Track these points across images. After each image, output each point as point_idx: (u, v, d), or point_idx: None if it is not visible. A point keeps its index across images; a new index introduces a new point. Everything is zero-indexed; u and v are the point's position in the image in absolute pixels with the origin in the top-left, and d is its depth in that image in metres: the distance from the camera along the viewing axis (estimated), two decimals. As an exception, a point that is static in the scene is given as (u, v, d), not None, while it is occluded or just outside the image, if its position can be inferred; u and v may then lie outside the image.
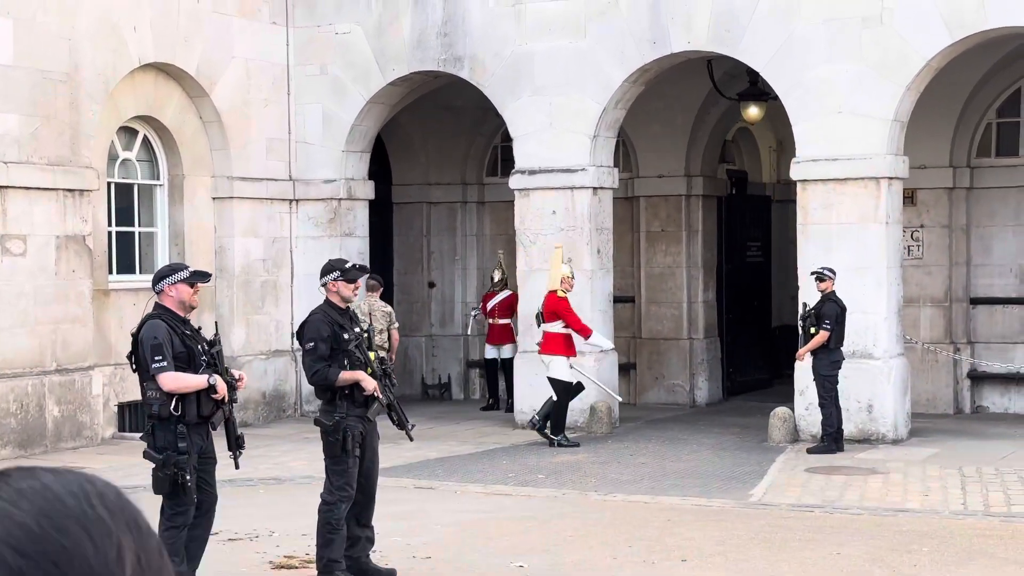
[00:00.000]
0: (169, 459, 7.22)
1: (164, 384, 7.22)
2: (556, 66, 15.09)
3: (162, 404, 7.25)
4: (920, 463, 12.55)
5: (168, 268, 7.69)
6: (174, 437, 7.26)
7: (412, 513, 10.42)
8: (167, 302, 7.44)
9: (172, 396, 7.25)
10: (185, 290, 7.42)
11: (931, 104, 15.00)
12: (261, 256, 16.18)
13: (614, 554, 8.95)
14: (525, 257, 15.33)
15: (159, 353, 7.19)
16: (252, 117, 15.92)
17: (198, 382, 7.29)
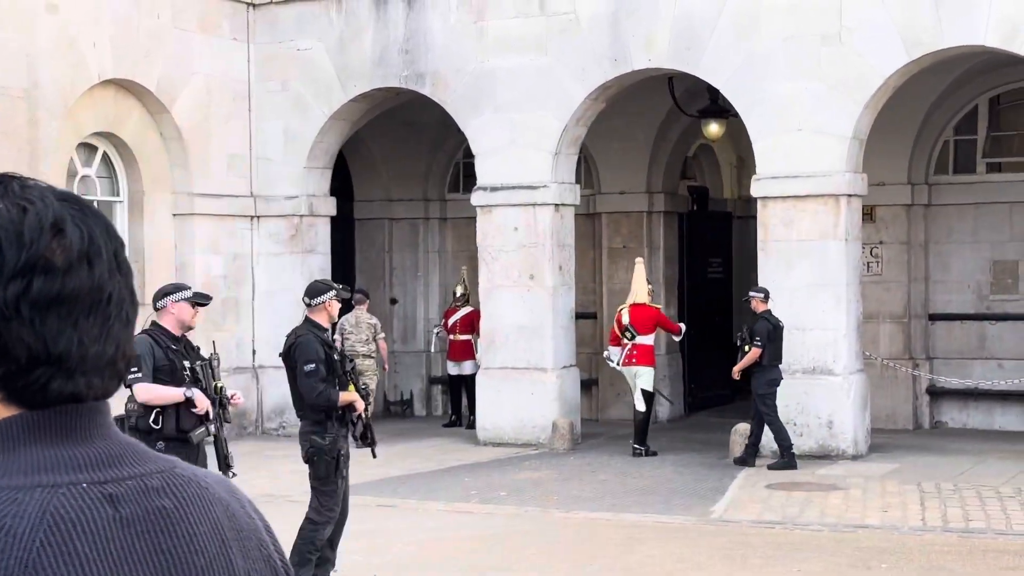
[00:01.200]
0: None
1: (138, 395, 7.25)
2: (518, 83, 15.12)
3: (140, 416, 7.25)
4: (880, 479, 12.61)
5: (172, 286, 7.73)
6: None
7: (373, 531, 10.38)
8: (165, 319, 7.47)
9: (151, 409, 7.25)
10: (187, 310, 7.48)
11: (890, 122, 15.12)
12: (222, 273, 16.10)
13: (575, 572, 8.94)
14: (488, 273, 15.32)
15: (135, 364, 7.18)
16: (213, 133, 15.85)
17: (173, 394, 7.29)
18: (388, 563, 9.20)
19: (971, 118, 16.62)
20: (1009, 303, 16.44)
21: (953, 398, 16.59)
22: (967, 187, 16.55)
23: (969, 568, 9.01)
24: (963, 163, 16.73)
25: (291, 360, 7.96)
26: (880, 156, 15.63)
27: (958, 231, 16.61)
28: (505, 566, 9.14)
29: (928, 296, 16.72)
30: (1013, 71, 15.53)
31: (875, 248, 16.60)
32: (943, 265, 16.67)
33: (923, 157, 16.57)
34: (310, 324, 8.06)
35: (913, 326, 16.66)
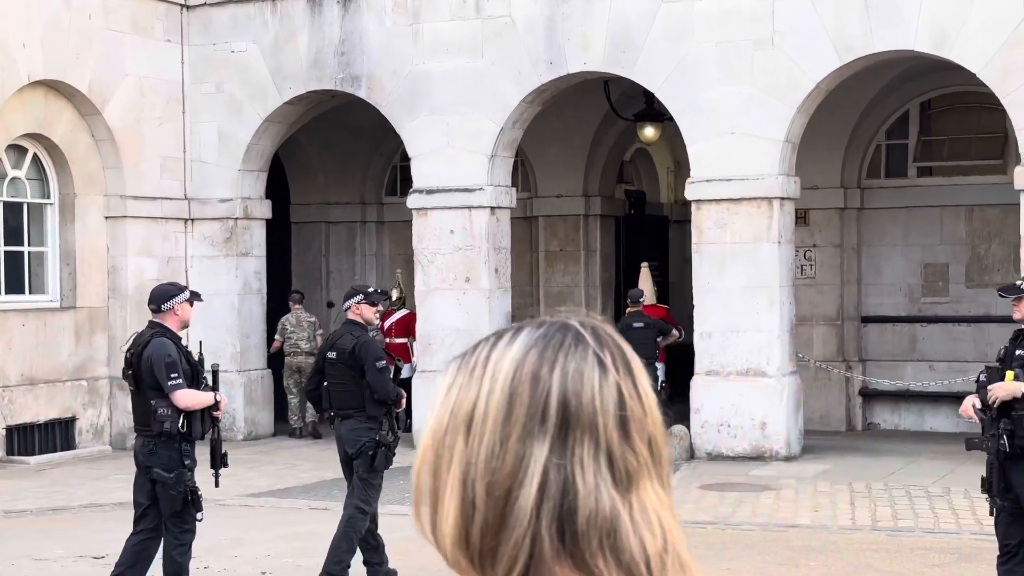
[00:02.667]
0: (182, 476, 7.34)
1: (180, 401, 7.30)
2: (453, 86, 15.11)
3: (172, 421, 7.32)
4: (811, 479, 12.72)
5: (174, 287, 7.73)
6: (179, 455, 7.36)
7: (305, 535, 10.32)
8: (170, 321, 7.49)
9: (180, 413, 7.33)
10: (189, 309, 7.55)
11: (822, 126, 15.28)
12: (155, 276, 15.90)
13: (506, 573, 8.92)
14: (424, 276, 15.30)
15: (175, 371, 7.27)
16: (146, 135, 15.72)
17: (207, 399, 7.44)
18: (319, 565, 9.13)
19: (902, 123, 16.82)
20: (939, 305, 16.65)
21: (885, 400, 16.77)
22: (898, 191, 16.75)
23: (896, 565, 9.11)
24: (895, 167, 16.92)
25: (355, 359, 8.34)
26: (813, 160, 15.77)
27: (890, 234, 16.79)
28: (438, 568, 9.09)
29: (861, 299, 16.89)
30: (943, 76, 15.73)
31: (809, 251, 16.75)
32: (875, 268, 16.85)
33: (855, 161, 16.75)
34: (354, 325, 8.52)
35: (846, 328, 16.82)
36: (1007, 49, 13.06)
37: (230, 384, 16.26)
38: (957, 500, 11.49)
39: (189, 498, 7.37)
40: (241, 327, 16.39)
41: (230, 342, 16.31)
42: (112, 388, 15.52)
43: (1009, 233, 16.23)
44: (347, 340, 8.46)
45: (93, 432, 15.33)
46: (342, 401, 8.52)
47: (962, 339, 16.49)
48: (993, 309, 16.35)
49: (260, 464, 14.26)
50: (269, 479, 13.27)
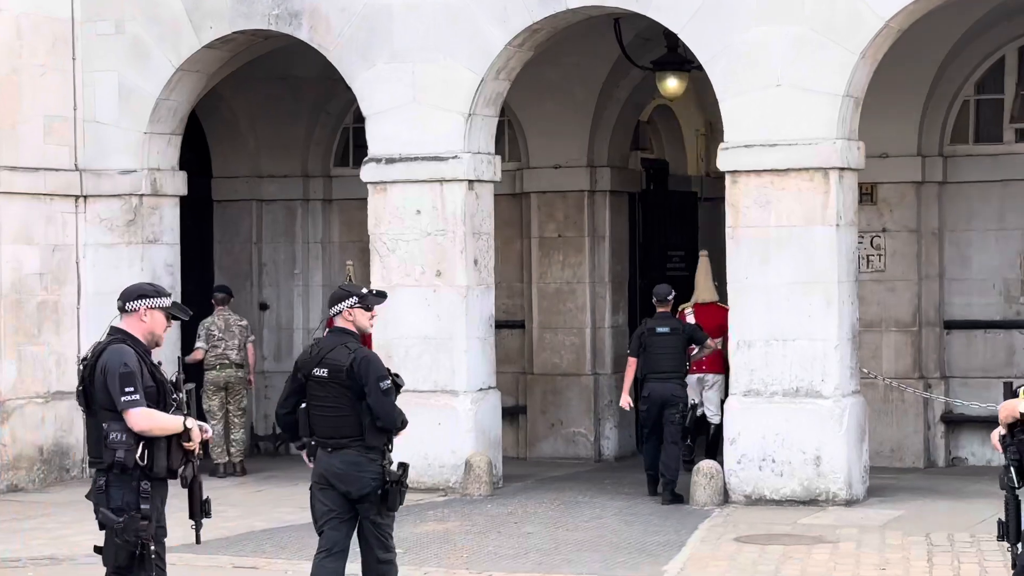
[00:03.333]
0: (132, 523, 7.30)
1: (135, 422, 7.28)
2: (420, 25, 15.13)
3: (128, 450, 7.29)
4: (878, 529, 12.73)
5: (151, 288, 7.76)
6: (135, 496, 7.34)
7: (226, 600, 10.32)
8: (133, 327, 7.51)
9: (139, 441, 7.30)
10: (161, 321, 7.59)
11: (893, 77, 15.32)
12: (38, 269, 15.97)
13: (483, 649, 8.95)
14: (382, 269, 15.32)
15: (130, 383, 7.29)
16: (24, 88, 15.72)
17: (174, 424, 7.42)
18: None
19: (996, 72, 16.87)
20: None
21: (974, 427, 16.79)
22: (992, 160, 16.79)
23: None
24: (986, 129, 16.96)
25: (353, 378, 8.45)
26: (882, 121, 15.82)
27: (981, 216, 16.83)
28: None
29: (943, 298, 16.93)
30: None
31: (876, 237, 16.79)
32: (962, 259, 16.88)
33: (936, 122, 16.78)
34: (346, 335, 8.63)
35: (924, 336, 16.85)
36: None
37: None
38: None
39: (138, 553, 7.33)
40: (148, 335, 16.35)
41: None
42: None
43: None
44: (341, 353, 8.53)
45: (-43, 469, 15.32)
46: (333, 429, 8.57)
47: (1072, 346, 16.57)
48: (1112, 311, 16.42)
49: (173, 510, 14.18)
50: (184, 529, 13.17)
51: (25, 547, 12.52)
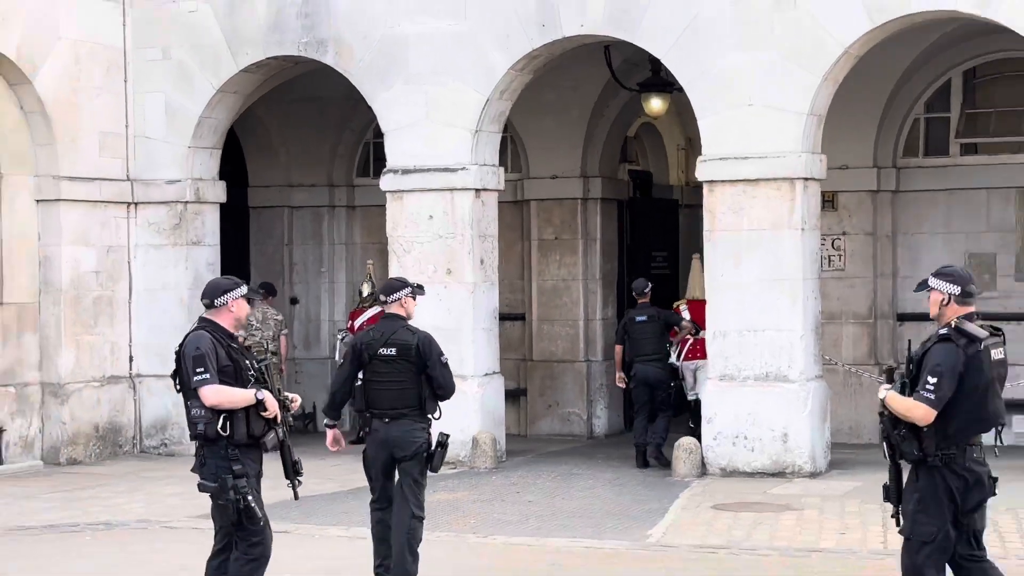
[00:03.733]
0: (226, 484, 7.38)
1: (206, 398, 7.39)
2: (433, 51, 15.13)
3: (208, 423, 7.40)
4: (839, 498, 12.75)
5: (230, 282, 7.83)
6: (226, 461, 7.43)
7: (261, 560, 10.33)
8: (223, 318, 7.63)
9: (219, 414, 7.39)
10: (244, 307, 7.69)
11: (852, 98, 15.29)
12: (94, 268, 15.98)
13: (488, 603, 8.98)
14: (399, 268, 15.30)
15: (201, 364, 7.39)
16: (82, 108, 15.72)
17: (244, 396, 7.46)
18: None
19: (943, 94, 16.83)
20: (986, 301, 16.55)
21: (924, 408, 16.75)
22: (939, 171, 16.77)
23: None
24: (935, 144, 16.93)
25: (420, 356, 8.91)
26: (842, 136, 15.81)
27: (929, 221, 16.82)
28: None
29: (896, 294, 16.91)
30: (989, 41, 15.76)
31: (837, 240, 16.79)
32: (913, 259, 16.87)
33: (890, 137, 16.77)
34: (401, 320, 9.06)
35: (879, 327, 16.86)
36: (1061, 9, 13.08)
37: (179, 391, 16.27)
38: (1002, 520, 11.52)
39: (241, 507, 7.41)
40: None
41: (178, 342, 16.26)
42: (44, 395, 15.52)
43: (1064, 219, 16.30)
44: (405, 335, 8.96)
45: (22, 445, 15.34)
46: (395, 400, 8.96)
47: (1012, 339, 16.26)
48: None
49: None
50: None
51: (84, 514, 12.55)
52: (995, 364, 7.07)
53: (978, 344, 6.99)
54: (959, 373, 6.95)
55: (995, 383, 7.09)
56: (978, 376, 6.99)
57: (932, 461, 7.03)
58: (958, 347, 7.00)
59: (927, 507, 7.08)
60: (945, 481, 7.04)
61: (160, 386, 16.33)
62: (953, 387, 6.94)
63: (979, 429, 7.11)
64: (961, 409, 6.98)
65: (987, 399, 7.04)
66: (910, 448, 7.07)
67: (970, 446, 7.08)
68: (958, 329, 7.06)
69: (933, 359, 7.01)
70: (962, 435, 7.03)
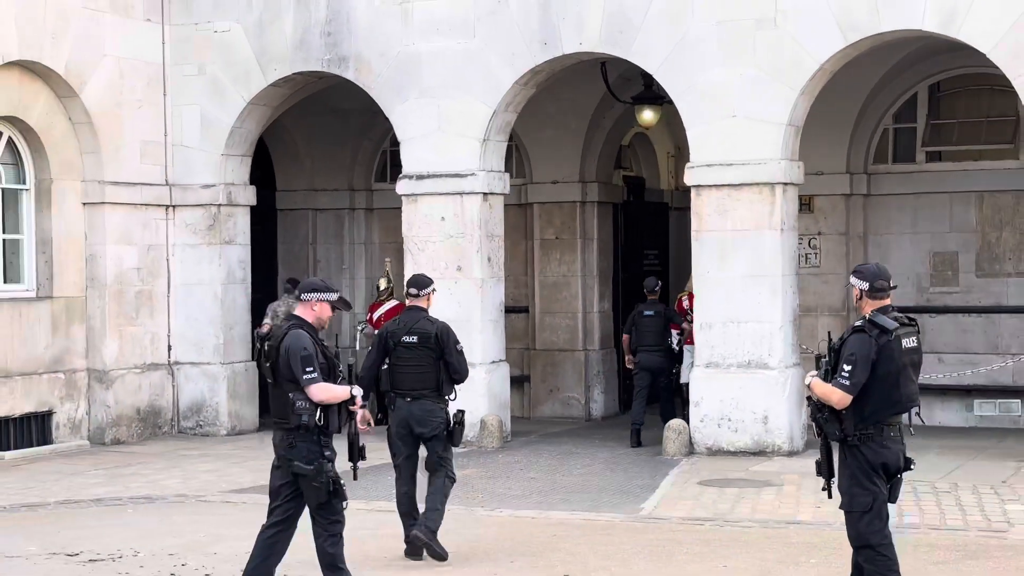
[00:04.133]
0: (322, 467, 7.48)
1: (315, 395, 7.46)
2: (444, 67, 15.10)
3: (310, 415, 7.48)
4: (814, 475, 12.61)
5: (323, 284, 7.89)
6: (318, 447, 7.51)
7: (288, 531, 10.31)
8: (306, 313, 7.68)
9: (317, 406, 7.48)
10: (327, 311, 7.72)
11: (827, 109, 15.25)
12: (135, 265, 15.96)
13: (495, 570, 8.96)
14: (413, 265, 15.26)
15: (310, 364, 7.45)
16: (125, 119, 15.70)
17: (343, 393, 7.57)
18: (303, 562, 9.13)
19: (910, 106, 16.80)
20: (949, 296, 16.65)
21: (892, 393, 16.72)
22: (906, 177, 16.73)
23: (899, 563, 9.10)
24: (902, 152, 16.89)
25: (439, 344, 9.34)
26: (818, 145, 15.78)
27: (897, 222, 16.78)
28: (424, 565, 9.12)
29: (867, 289, 16.83)
30: (952, 57, 15.73)
31: (813, 239, 16.75)
32: (882, 257, 16.79)
33: (862, 146, 16.73)
34: (424, 311, 9.56)
35: (852, 319, 16.74)
36: (1018, 28, 13.05)
37: (213, 377, 16.29)
38: (965, 496, 11.51)
39: (332, 488, 7.49)
40: (224, 318, 16.38)
41: (213, 333, 16.31)
42: (90, 381, 15.52)
43: (1021, 220, 16.27)
44: (426, 325, 9.43)
45: (70, 427, 15.33)
46: (416, 382, 9.35)
47: (972, 330, 16.50)
48: (1005, 299, 16.38)
49: (245, 460, 14.28)
50: (253, 475, 13.26)
51: (126, 488, 12.55)
52: (907, 352, 7.15)
53: (889, 334, 7.07)
54: (872, 361, 7.03)
55: (907, 369, 7.18)
56: (890, 363, 7.07)
57: (852, 440, 7.13)
58: (871, 337, 7.07)
59: (859, 481, 7.19)
60: (867, 456, 7.14)
61: (196, 372, 16.33)
62: (866, 373, 7.02)
63: (893, 411, 7.17)
64: (875, 393, 7.07)
65: (899, 384, 7.12)
66: (832, 429, 7.18)
67: (886, 426, 7.15)
68: (871, 321, 7.14)
69: (848, 348, 7.09)
70: (877, 416, 7.11)
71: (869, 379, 7.03)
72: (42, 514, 11.31)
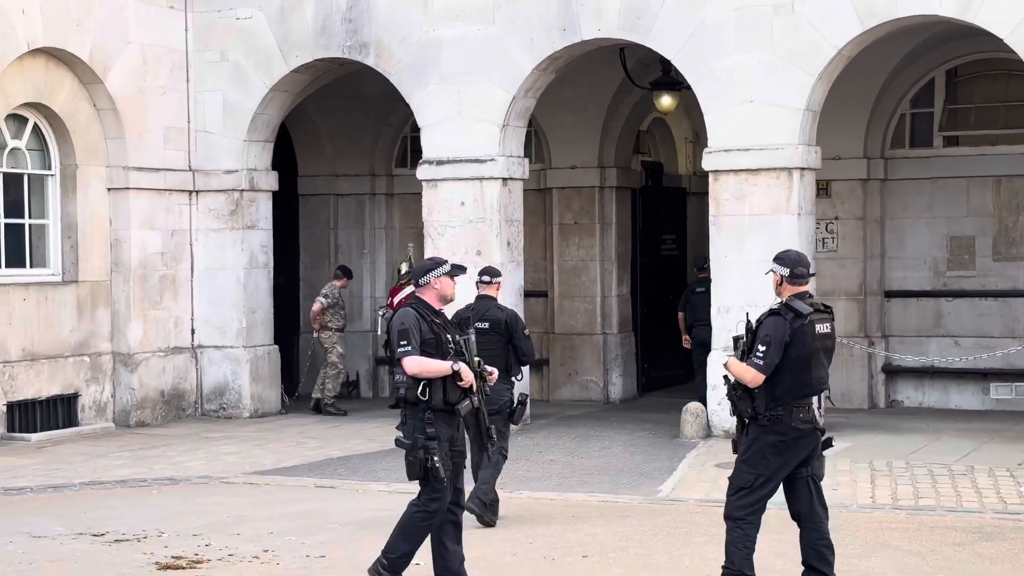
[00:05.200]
0: (418, 443, 7.37)
1: (408, 367, 7.40)
2: (464, 53, 15.08)
3: (408, 388, 7.43)
4: (831, 457, 12.45)
5: (432, 261, 7.81)
6: (422, 423, 7.43)
7: (310, 512, 10.37)
8: (427, 295, 7.62)
9: (419, 381, 7.40)
10: (448, 283, 7.67)
11: (844, 94, 15.19)
12: (159, 249, 16.01)
13: (514, 550, 8.98)
14: (433, 249, 15.27)
15: (404, 338, 7.39)
16: (149, 105, 15.73)
17: (441, 367, 7.43)
18: (323, 543, 9.20)
19: (927, 91, 16.71)
20: (965, 280, 16.58)
21: (909, 376, 16.72)
22: (923, 161, 16.66)
23: (914, 544, 9.11)
24: (919, 137, 16.81)
25: (508, 330, 9.93)
26: (835, 130, 15.72)
27: (914, 206, 16.71)
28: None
29: (884, 273, 16.82)
30: (969, 43, 15.63)
31: (830, 224, 16.68)
32: (899, 241, 16.78)
33: (879, 131, 16.65)
34: (493, 299, 10.17)
35: (869, 303, 16.76)
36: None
37: (235, 361, 16.34)
38: (981, 479, 11.48)
39: (429, 466, 7.36)
40: (247, 302, 16.42)
41: (236, 317, 16.35)
42: (115, 364, 15.58)
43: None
44: (496, 312, 10.01)
45: (96, 409, 15.40)
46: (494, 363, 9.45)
47: (988, 314, 16.43)
48: (1021, 283, 16.30)
49: (267, 442, 14.34)
50: (275, 457, 13.34)
51: (150, 470, 12.61)
52: (820, 337, 7.32)
53: (803, 319, 7.25)
54: (785, 343, 7.20)
55: (819, 353, 7.33)
56: (802, 346, 7.22)
57: (762, 420, 7.29)
58: (785, 320, 7.26)
59: (749, 459, 7.41)
60: (770, 437, 7.30)
61: (219, 356, 16.38)
62: (779, 355, 7.20)
63: (803, 392, 7.29)
64: (787, 375, 7.24)
65: (811, 367, 7.29)
66: (745, 407, 7.36)
67: (796, 407, 7.26)
68: (787, 305, 7.33)
69: (764, 330, 7.28)
70: (788, 397, 7.25)
71: (782, 361, 7.21)
72: (68, 495, 11.37)
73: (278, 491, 11.44)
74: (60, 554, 8.92)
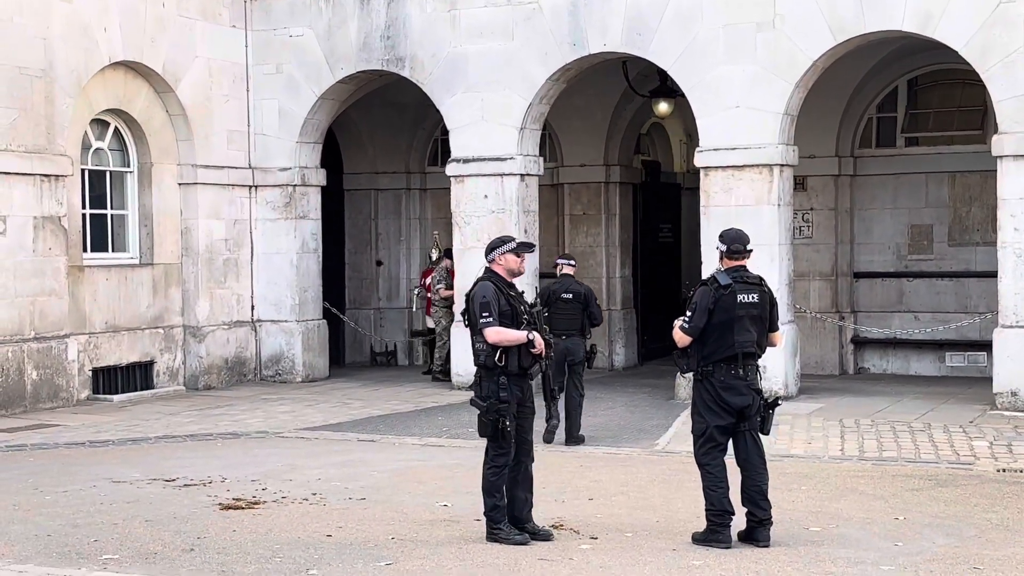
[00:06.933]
0: (492, 406, 7.28)
1: (488, 337, 7.30)
2: (487, 66, 15.03)
3: (487, 355, 7.32)
4: (806, 416, 12.65)
5: (499, 240, 7.70)
6: (497, 387, 7.31)
7: (353, 462, 10.38)
8: (497, 269, 7.53)
9: (496, 348, 7.29)
10: (513, 259, 7.53)
11: (819, 100, 15.10)
12: (223, 236, 16.03)
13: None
14: (460, 236, 15.28)
15: (486, 310, 7.28)
16: (214, 111, 15.73)
17: (518, 336, 7.33)
18: (364, 488, 9.20)
19: (891, 98, 16.60)
20: (924, 262, 16.50)
21: (875, 347, 16.64)
22: (888, 159, 16.55)
23: (879, 489, 9.06)
24: (884, 138, 16.70)
25: (585, 300, 11.33)
26: (811, 132, 15.63)
27: (880, 199, 16.62)
28: (467, 490, 9.12)
29: (853, 256, 16.74)
30: (928, 55, 15.51)
31: (806, 214, 16.60)
32: (866, 229, 16.69)
33: (849, 132, 16.55)
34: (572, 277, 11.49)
35: (840, 283, 16.68)
36: (986, 29, 12.85)
37: (289, 333, 16.36)
38: (937, 434, 11.42)
39: (499, 427, 7.25)
40: (299, 282, 16.43)
41: (289, 295, 16.37)
42: (185, 335, 15.61)
43: (988, 197, 16.04)
44: (576, 287, 11.36)
45: (169, 374, 15.44)
46: (568, 326, 11.23)
47: (944, 292, 16.34)
48: (973, 265, 16.20)
49: (316, 403, 14.35)
50: (323, 415, 13.35)
51: (215, 426, 12.63)
52: (743, 305, 7.29)
53: (725, 289, 7.27)
54: (709, 309, 7.23)
55: (744, 320, 7.32)
56: (723, 313, 7.26)
57: (697, 376, 7.37)
58: (711, 289, 7.30)
59: (697, 410, 7.45)
60: (706, 391, 7.35)
61: (275, 328, 16.40)
62: (704, 319, 7.24)
63: (726, 353, 7.30)
64: (712, 337, 7.28)
65: (733, 330, 7.29)
66: (683, 364, 7.44)
67: (723, 365, 7.29)
68: (713, 276, 7.41)
69: (693, 298, 7.35)
70: (714, 356, 7.32)
71: (708, 325, 7.25)
72: (144, 447, 11.40)
73: (325, 444, 11.46)
74: (136, 496, 8.95)
